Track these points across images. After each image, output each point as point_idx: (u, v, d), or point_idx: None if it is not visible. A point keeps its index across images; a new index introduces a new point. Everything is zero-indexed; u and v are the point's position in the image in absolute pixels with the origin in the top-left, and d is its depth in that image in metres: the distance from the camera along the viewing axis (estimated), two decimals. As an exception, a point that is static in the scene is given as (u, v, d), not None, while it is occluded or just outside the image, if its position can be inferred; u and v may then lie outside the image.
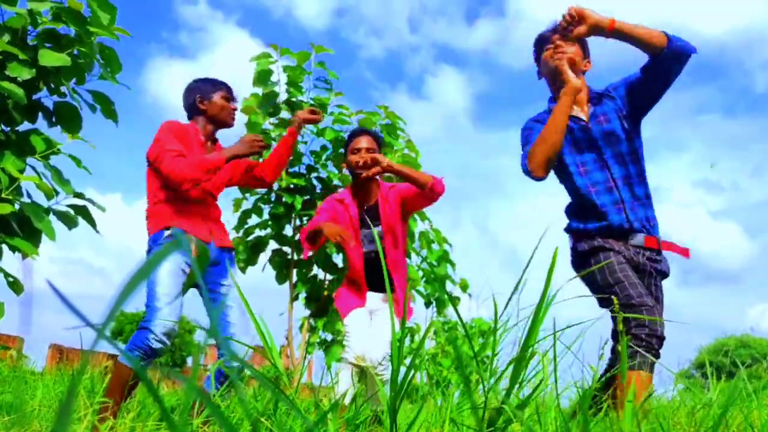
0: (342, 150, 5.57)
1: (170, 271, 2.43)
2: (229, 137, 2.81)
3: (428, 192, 2.83)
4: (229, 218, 5.84)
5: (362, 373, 2.93)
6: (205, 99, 2.75)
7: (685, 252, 2.30)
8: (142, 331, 2.33)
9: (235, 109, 2.81)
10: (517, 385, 1.05)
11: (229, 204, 6.36)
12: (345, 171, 5.68)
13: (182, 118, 2.81)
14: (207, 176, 2.55)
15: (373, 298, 3.07)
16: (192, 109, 2.77)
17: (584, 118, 2.33)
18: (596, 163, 2.28)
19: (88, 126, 3.16)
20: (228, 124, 2.80)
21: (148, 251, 2.61)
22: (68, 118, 3.11)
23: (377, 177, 3.09)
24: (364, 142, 3.08)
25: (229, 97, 2.80)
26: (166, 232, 2.54)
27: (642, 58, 2.22)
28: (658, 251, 2.26)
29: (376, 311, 3.04)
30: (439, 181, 2.84)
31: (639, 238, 2.22)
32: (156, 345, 2.30)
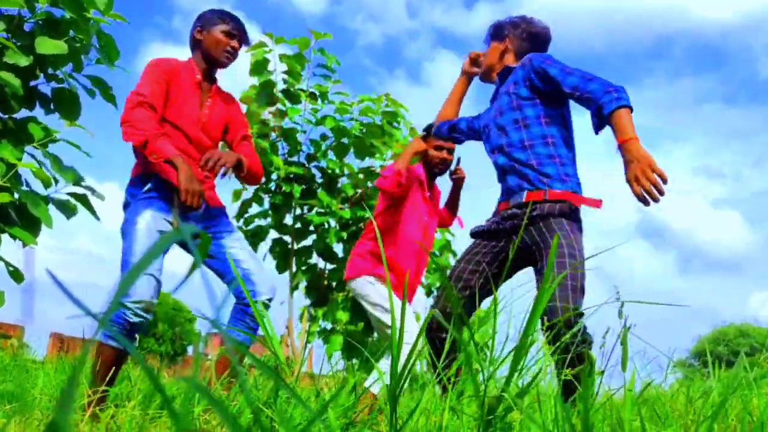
0: (344, 139, 5.56)
1: (145, 235, 2.14)
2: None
3: (446, 220, 3.51)
4: (229, 208, 5.85)
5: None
6: (204, 30, 2.44)
7: None
8: None
9: (234, 48, 2.47)
10: (516, 374, 1.06)
11: (228, 193, 6.36)
12: (348, 163, 5.67)
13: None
14: (143, 143, 2.16)
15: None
16: (191, 41, 2.48)
17: None
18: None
19: (84, 114, 3.15)
20: (221, 62, 2.45)
21: (125, 206, 2.29)
22: (67, 105, 3.09)
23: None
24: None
25: (231, 33, 2.45)
26: (149, 185, 2.23)
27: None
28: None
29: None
30: (458, 221, 3.48)
31: None
32: (134, 319, 2.03)
